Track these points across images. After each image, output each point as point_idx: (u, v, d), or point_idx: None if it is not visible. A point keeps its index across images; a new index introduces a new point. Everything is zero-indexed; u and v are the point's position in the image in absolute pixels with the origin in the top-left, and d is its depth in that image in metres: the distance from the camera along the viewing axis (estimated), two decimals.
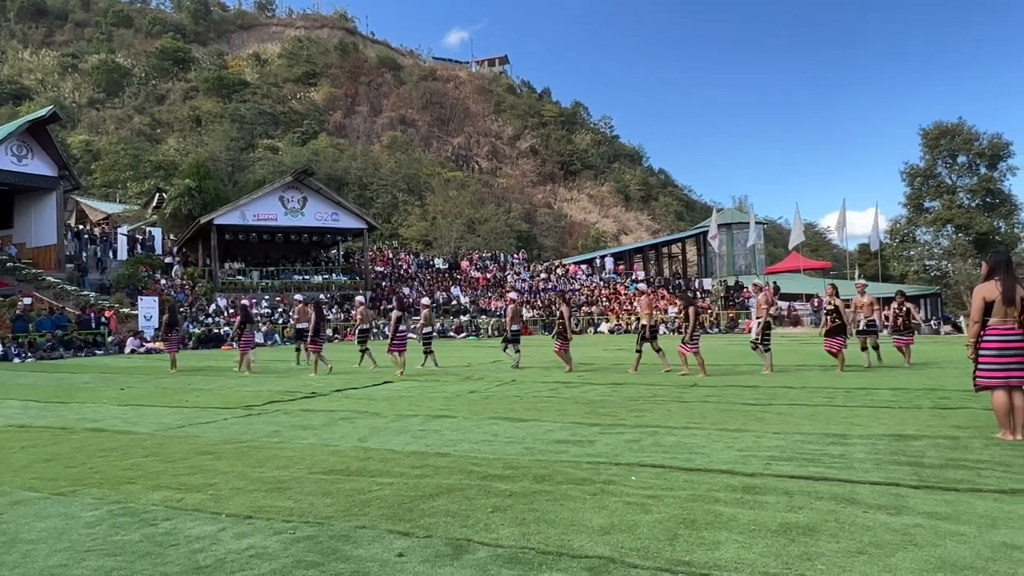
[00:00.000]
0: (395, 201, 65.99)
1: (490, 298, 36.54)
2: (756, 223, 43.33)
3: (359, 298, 19.67)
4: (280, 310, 30.70)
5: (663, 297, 35.19)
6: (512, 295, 17.71)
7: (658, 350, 12.80)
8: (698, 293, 36.34)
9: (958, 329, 26.46)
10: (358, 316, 16.29)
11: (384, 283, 37.30)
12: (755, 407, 8.01)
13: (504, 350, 14.43)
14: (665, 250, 61.12)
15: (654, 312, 13.42)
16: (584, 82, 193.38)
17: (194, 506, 4.37)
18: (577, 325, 31.32)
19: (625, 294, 37.86)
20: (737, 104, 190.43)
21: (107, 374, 15.86)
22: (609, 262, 44.87)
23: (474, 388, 10.81)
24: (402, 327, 13.82)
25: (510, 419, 7.55)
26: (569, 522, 3.77)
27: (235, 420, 8.11)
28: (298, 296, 19.24)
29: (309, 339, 14.41)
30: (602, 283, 40.79)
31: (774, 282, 35.32)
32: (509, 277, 40.67)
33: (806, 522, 3.66)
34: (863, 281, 26.08)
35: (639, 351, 12.88)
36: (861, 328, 13.26)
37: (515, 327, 14.28)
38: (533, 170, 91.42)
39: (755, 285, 13.37)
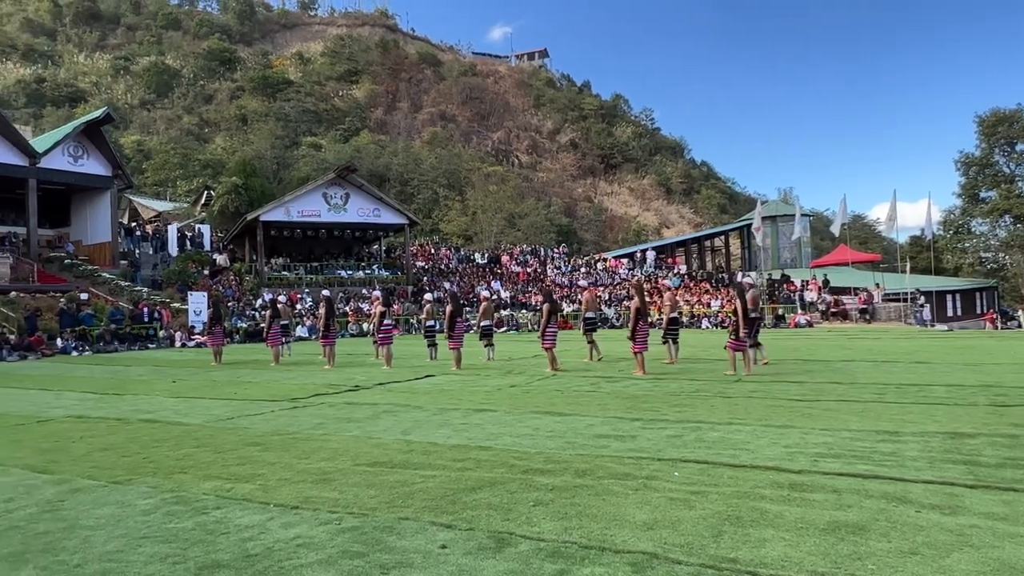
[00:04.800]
0: (436, 196, 66.38)
1: (530, 293, 36.53)
2: (802, 215, 42.37)
3: (427, 295, 20.15)
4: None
5: (706, 291, 34.73)
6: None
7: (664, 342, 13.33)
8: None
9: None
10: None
11: (425, 278, 37.60)
12: (801, 403, 7.85)
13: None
14: (708, 243, 60.26)
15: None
16: (625, 75, 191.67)
17: (243, 496, 4.48)
18: (618, 319, 31.15)
19: (667, 288, 37.45)
20: (781, 95, 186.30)
21: (159, 367, 16.34)
22: (651, 256, 44.43)
23: (515, 382, 10.83)
24: (387, 321, 14.51)
25: (551, 413, 7.54)
26: (611, 517, 3.76)
27: (281, 412, 8.28)
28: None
29: (321, 334, 15.49)
30: (644, 277, 40.41)
31: (825, 276, 34.51)
32: (549, 271, 40.61)
33: (856, 521, 3.58)
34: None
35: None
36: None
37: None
38: (573, 164, 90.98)
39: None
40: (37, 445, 6.62)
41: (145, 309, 26.20)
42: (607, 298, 34.21)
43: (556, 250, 46.76)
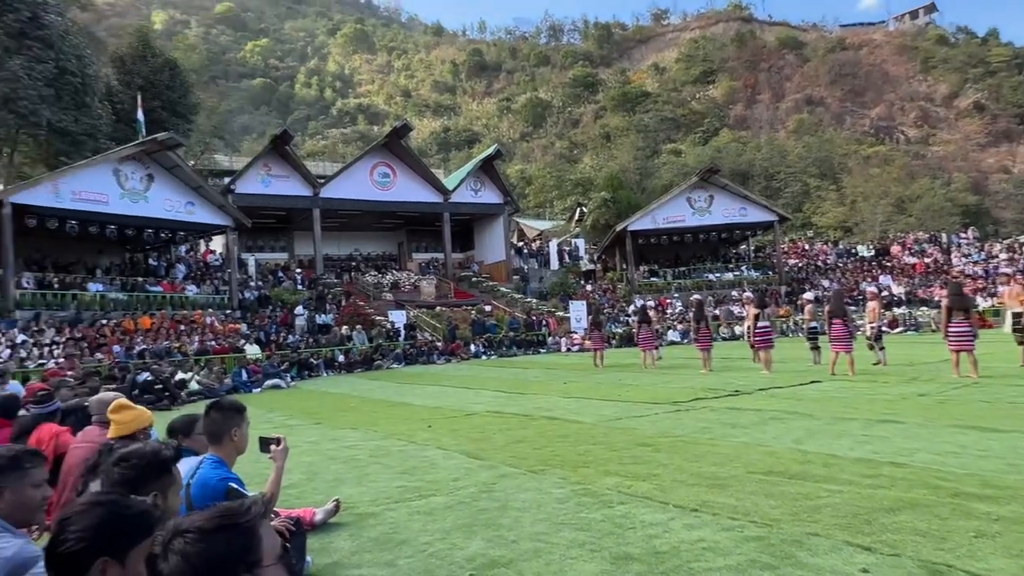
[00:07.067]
0: (806, 188, 61.80)
1: (931, 287, 31.51)
2: None
3: (806, 295, 19.01)
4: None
5: None
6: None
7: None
8: None
9: None
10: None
11: (801, 276, 35.15)
12: None
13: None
14: None
15: None
16: None
17: (642, 494, 4.69)
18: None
19: None
20: None
21: (551, 369, 18.12)
22: None
23: (923, 390, 9.42)
24: (763, 323, 13.69)
25: (979, 428, 6.37)
26: None
27: (665, 415, 8.50)
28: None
29: (695, 338, 15.20)
30: None
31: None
32: (955, 260, 34.56)
33: None
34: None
35: None
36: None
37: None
38: (979, 130, 76.22)
39: None
40: (468, 435, 7.88)
41: (535, 318, 29.42)
42: None
43: (963, 234, 39.60)
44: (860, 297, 31.36)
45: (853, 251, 38.95)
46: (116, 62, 33.72)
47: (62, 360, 15.60)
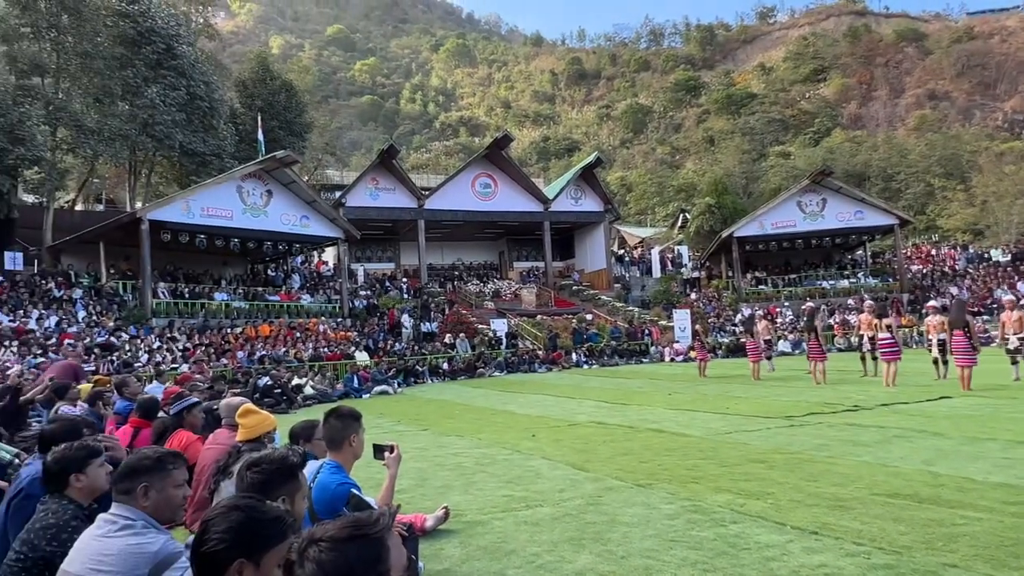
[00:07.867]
0: (930, 189, 57.66)
1: None
2: None
3: (931, 303, 17.81)
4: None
5: None
6: None
7: None
8: None
9: None
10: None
11: (926, 283, 32.84)
12: None
13: None
14: None
15: None
16: None
17: (757, 513, 4.51)
18: None
19: None
20: None
21: (654, 380, 17.75)
22: None
23: None
24: (886, 334, 12.63)
25: None
26: None
27: (778, 430, 8.13)
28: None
29: (808, 349, 14.74)
30: None
31: None
32: None
33: None
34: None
35: None
36: None
37: None
38: None
39: None
40: (572, 445, 7.84)
41: (636, 327, 28.95)
42: None
43: None
44: (994, 306, 28.90)
45: (986, 256, 36.03)
46: (239, 86, 36.11)
47: (193, 365, 16.77)
